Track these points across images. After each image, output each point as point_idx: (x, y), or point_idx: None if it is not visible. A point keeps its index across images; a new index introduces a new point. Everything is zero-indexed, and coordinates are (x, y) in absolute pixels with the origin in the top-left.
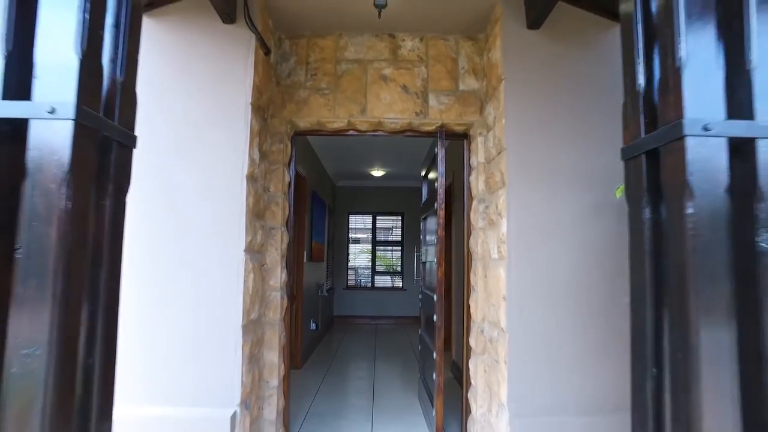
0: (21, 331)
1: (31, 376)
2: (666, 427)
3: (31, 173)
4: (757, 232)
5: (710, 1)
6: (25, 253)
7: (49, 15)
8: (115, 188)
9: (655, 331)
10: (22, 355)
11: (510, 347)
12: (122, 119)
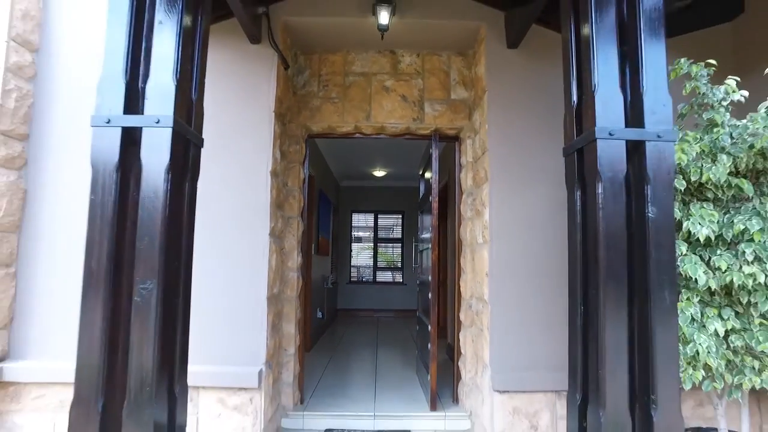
0: (139, 273)
1: (147, 303)
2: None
3: (144, 165)
4: (646, 205)
5: (614, 40)
6: (141, 219)
7: (155, 54)
8: (191, 177)
9: (582, 277)
10: (141, 289)
11: (492, 316)
12: (196, 127)
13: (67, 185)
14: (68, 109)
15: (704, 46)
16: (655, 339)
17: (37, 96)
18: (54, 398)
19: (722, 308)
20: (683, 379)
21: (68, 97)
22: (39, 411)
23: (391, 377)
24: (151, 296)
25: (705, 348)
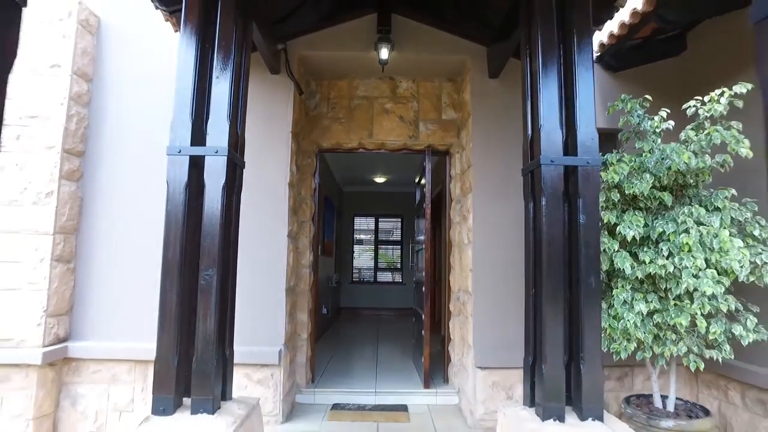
0: (204, 263)
1: (209, 285)
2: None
3: (206, 184)
4: (578, 213)
5: (557, 88)
6: (204, 224)
7: (213, 101)
8: (237, 191)
9: (533, 268)
10: (205, 275)
11: (474, 304)
12: (240, 153)
13: (116, 194)
14: (115, 129)
15: (655, 76)
16: (582, 314)
17: (91, 119)
18: (107, 373)
19: (648, 293)
20: (618, 349)
21: (116, 118)
22: (96, 383)
23: (390, 363)
24: (213, 280)
25: (632, 323)
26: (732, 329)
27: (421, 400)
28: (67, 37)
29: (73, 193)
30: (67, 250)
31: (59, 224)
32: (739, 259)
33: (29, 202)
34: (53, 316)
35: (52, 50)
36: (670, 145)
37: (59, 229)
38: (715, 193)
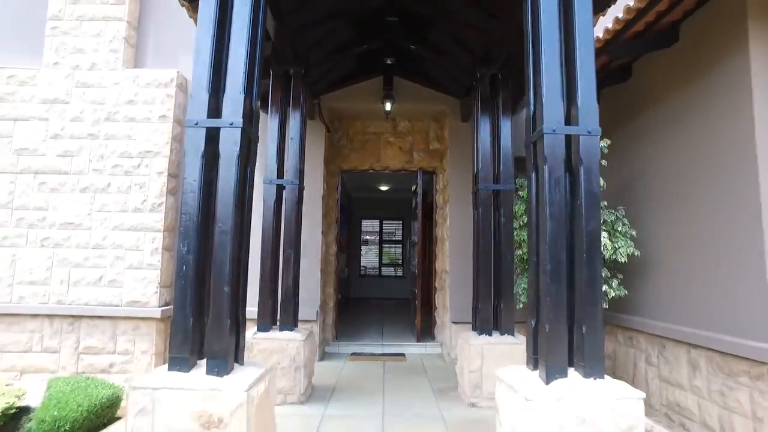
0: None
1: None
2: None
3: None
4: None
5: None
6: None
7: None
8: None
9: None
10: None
11: (450, 280)
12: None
13: None
14: None
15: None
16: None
17: (182, 151)
18: None
19: None
20: None
21: None
22: None
23: (392, 328)
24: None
25: None
26: (603, 288)
27: (415, 350)
28: (170, 96)
29: (173, 203)
30: (170, 242)
31: (166, 224)
32: (605, 244)
33: (147, 209)
34: (164, 287)
35: (161, 106)
36: None
37: (166, 227)
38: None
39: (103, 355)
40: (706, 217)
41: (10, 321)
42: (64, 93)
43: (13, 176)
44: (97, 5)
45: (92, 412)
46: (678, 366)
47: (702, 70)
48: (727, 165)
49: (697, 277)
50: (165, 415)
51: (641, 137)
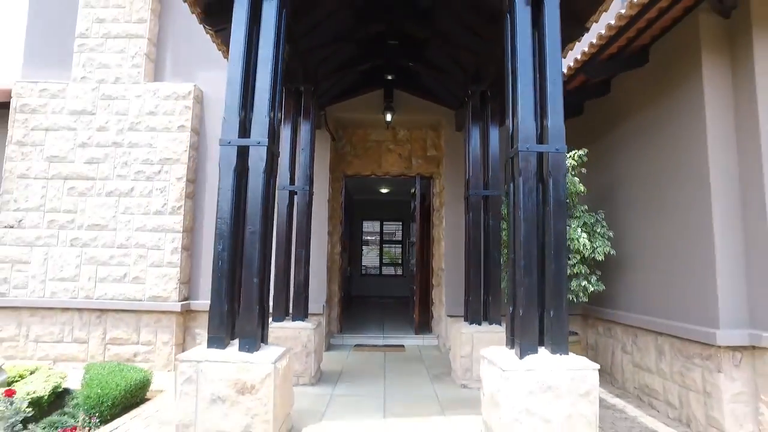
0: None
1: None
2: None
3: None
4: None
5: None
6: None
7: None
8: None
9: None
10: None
11: (445, 277)
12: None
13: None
14: (213, 163)
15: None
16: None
17: (198, 158)
18: None
19: None
20: None
21: (213, 156)
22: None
23: (392, 323)
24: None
25: None
26: (583, 284)
27: (413, 342)
28: (188, 107)
29: (191, 206)
30: (188, 242)
31: (185, 226)
32: (584, 244)
33: (167, 212)
34: (182, 284)
35: (180, 116)
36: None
37: (185, 229)
38: (578, 208)
39: (127, 346)
40: (670, 222)
41: (44, 314)
42: (91, 105)
43: (44, 181)
44: (120, 24)
45: (128, 392)
46: (647, 352)
47: (667, 90)
48: (687, 177)
49: (662, 273)
50: (207, 383)
51: (619, 147)
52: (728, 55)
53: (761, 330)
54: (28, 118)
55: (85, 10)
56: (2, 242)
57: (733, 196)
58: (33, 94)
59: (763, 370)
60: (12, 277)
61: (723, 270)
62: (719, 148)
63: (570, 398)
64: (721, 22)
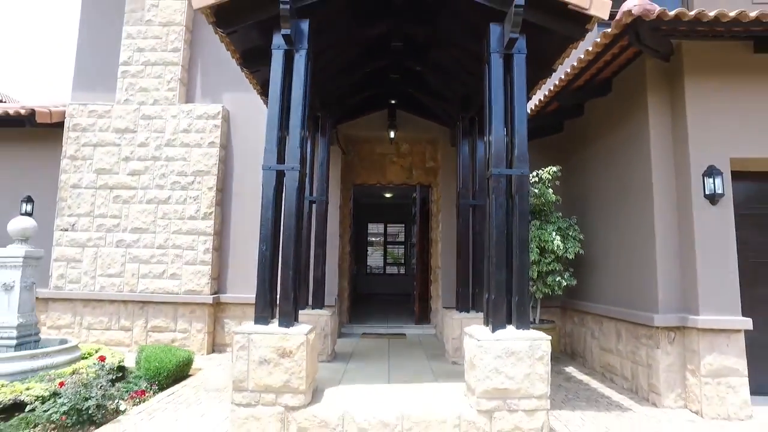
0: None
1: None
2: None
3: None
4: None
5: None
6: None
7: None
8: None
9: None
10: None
11: (441, 274)
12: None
13: (239, 211)
14: (239, 174)
15: (551, 143)
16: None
17: (226, 170)
18: (239, 310)
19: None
20: None
21: (239, 168)
22: (234, 317)
23: (395, 316)
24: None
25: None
26: (558, 279)
27: (414, 331)
28: (217, 126)
29: (220, 212)
30: (218, 244)
31: (215, 229)
32: (558, 245)
33: (200, 217)
34: (213, 279)
35: (210, 134)
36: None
37: (214, 232)
38: (554, 214)
39: (166, 333)
40: (626, 228)
41: (94, 305)
42: (133, 124)
43: (93, 191)
44: (158, 53)
45: (178, 366)
46: (610, 337)
47: (624, 118)
48: (637, 191)
49: (620, 269)
50: (256, 349)
51: (590, 162)
52: (668, 92)
53: (688, 314)
54: (79, 135)
55: (128, 41)
56: (59, 243)
57: (670, 208)
58: (83, 114)
59: (689, 346)
60: (67, 273)
61: (661, 266)
62: (660, 168)
63: (529, 361)
64: (662, 65)
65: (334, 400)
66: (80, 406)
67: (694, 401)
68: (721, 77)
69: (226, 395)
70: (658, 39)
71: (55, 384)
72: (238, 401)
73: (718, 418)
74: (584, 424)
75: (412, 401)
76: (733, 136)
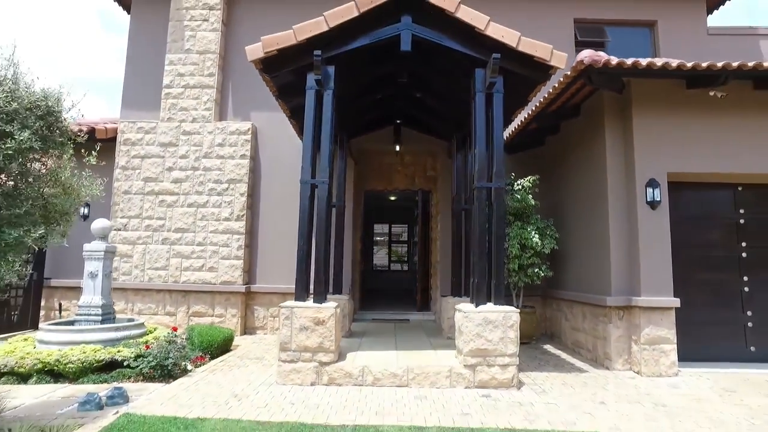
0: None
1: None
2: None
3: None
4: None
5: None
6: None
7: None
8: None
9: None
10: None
11: (440, 266)
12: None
13: (267, 213)
14: (266, 182)
15: (534, 156)
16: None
17: (254, 178)
18: (267, 298)
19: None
20: None
21: (266, 177)
22: (262, 305)
23: (400, 306)
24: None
25: (513, 269)
26: (536, 270)
27: (416, 317)
28: (247, 140)
29: (250, 214)
30: (249, 241)
31: (246, 229)
32: (536, 242)
33: (234, 219)
34: (245, 272)
35: (241, 147)
36: (514, 196)
37: (246, 231)
38: (533, 216)
39: (205, 317)
40: (589, 228)
41: (144, 294)
42: (175, 139)
43: (142, 196)
44: (196, 77)
45: (223, 341)
46: (578, 317)
47: (589, 137)
48: (597, 198)
49: (585, 261)
50: (297, 319)
51: (565, 172)
52: (621, 119)
53: (633, 295)
54: (129, 149)
55: (170, 67)
56: (113, 241)
57: (621, 212)
58: (132, 130)
59: (633, 321)
60: (121, 266)
61: (614, 258)
62: (614, 179)
63: (502, 328)
64: (617, 96)
65: (355, 359)
66: (163, 363)
67: (636, 364)
68: (662, 108)
69: (263, 362)
70: (608, 79)
71: (140, 348)
72: (283, 358)
73: (653, 375)
74: (547, 379)
75: (415, 360)
76: (670, 155)
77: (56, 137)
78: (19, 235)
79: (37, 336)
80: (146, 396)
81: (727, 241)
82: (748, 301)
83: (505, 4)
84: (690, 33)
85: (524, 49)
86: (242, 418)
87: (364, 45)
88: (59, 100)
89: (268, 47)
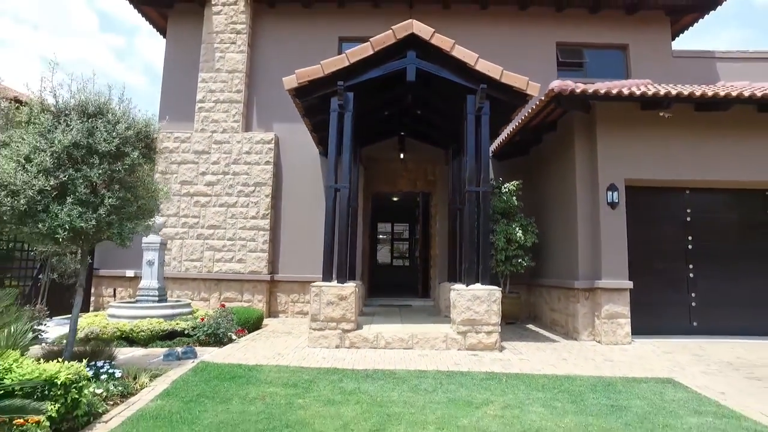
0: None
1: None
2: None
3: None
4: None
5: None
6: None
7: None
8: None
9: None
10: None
11: (438, 259)
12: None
13: (289, 212)
14: (288, 185)
15: (521, 163)
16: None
17: (276, 181)
18: (287, 287)
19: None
20: None
21: (288, 180)
22: (284, 291)
23: (403, 294)
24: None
25: (500, 260)
26: (520, 261)
27: (417, 302)
28: (270, 149)
29: (273, 213)
30: (273, 237)
31: (270, 225)
32: (520, 237)
33: (260, 217)
34: (269, 263)
35: (266, 155)
36: (501, 198)
37: (270, 227)
38: (517, 215)
39: (235, 302)
40: (563, 225)
41: (181, 282)
42: (207, 147)
43: (179, 197)
44: (225, 93)
45: (257, 318)
46: (555, 300)
47: (563, 149)
48: (568, 201)
49: (560, 252)
50: (324, 295)
51: (545, 177)
52: (588, 134)
53: (596, 279)
54: (167, 156)
55: (202, 84)
56: None
57: (588, 211)
58: (170, 140)
59: (596, 300)
60: None
61: (581, 249)
62: (582, 184)
63: (488, 302)
64: (585, 115)
65: (370, 328)
66: (216, 331)
67: (597, 335)
68: (621, 125)
69: (292, 335)
70: (575, 103)
71: (196, 320)
72: (313, 327)
73: (610, 344)
74: (525, 346)
75: (418, 330)
76: (628, 164)
77: (151, 154)
78: (133, 227)
79: (108, 312)
80: (208, 354)
81: (676, 236)
82: (693, 284)
83: (498, 30)
84: (657, 55)
85: (506, 80)
86: (289, 365)
87: (377, 75)
88: (153, 126)
89: (301, 78)
